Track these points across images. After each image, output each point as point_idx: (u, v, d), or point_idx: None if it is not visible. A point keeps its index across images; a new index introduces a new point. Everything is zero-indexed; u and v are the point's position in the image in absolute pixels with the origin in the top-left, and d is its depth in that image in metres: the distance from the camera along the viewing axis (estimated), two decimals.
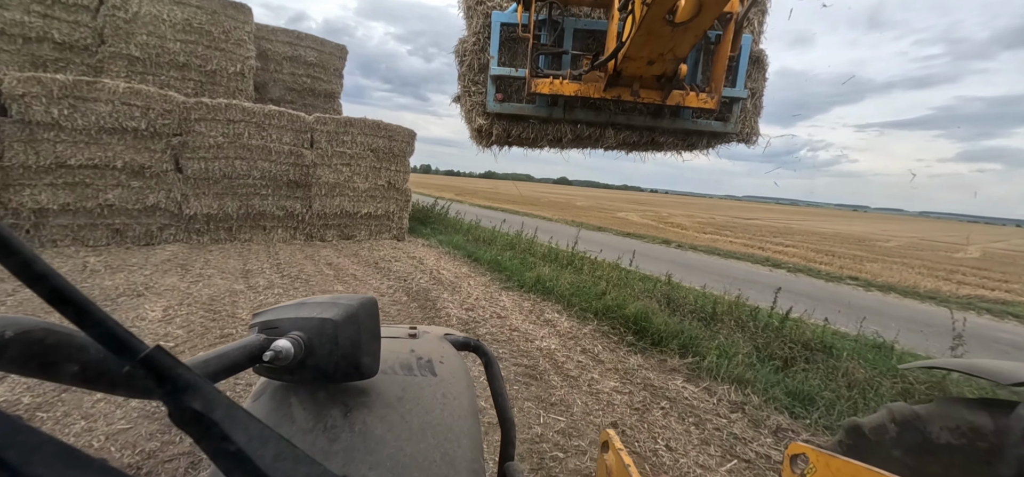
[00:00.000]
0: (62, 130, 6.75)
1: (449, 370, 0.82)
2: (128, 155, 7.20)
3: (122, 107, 7.03)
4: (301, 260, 7.46)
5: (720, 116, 3.03)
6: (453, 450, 0.62)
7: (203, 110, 7.69)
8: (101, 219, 7.21)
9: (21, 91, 6.44)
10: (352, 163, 9.34)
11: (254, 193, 8.40)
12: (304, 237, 9.11)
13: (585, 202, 45.29)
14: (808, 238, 22.16)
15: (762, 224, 32.10)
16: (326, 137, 9.00)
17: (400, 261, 7.93)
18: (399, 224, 10.27)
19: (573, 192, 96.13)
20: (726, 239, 17.15)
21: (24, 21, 7.01)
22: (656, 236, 16.30)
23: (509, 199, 37.00)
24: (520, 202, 33.67)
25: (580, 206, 35.79)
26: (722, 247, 14.47)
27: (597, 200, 57.01)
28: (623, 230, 17.69)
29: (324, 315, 0.58)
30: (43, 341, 0.38)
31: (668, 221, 26.14)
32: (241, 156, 8.12)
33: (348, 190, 9.38)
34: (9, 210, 6.61)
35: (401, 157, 10.01)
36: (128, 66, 7.86)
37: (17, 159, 6.54)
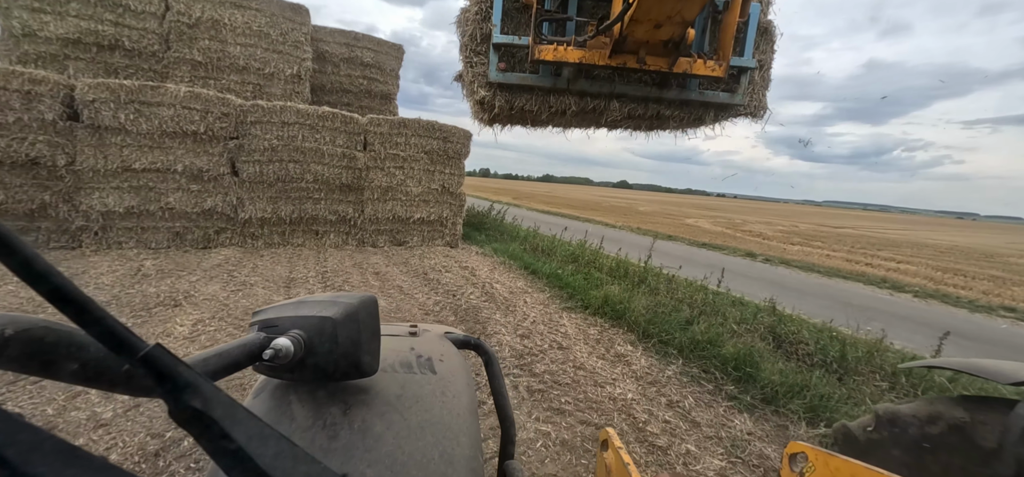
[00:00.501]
0: (128, 134, 6.83)
1: (449, 368, 0.82)
2: (188, 159, 7.19)
3: (183, 111, 7.02)
4: (349, 268, 7.05)
5: (727, 87, 2.92)
6: (452, 448, 0.62)
7: (259, 113, 7.55)
8: (163, 222, 7.26)
9: (91, 97, 6.57)
10: (405, 166, 8.90)
11: (307, 197, 8.18)
12: (356, 242, 8.78)
13: (648, 207, 42.95)
14: (919, 251, 18.93)
15: (855, 233, 28.31)
16: (379, 139, 8.62)
17: (451, 271, 7.28)
18: (452, 230, 9.69)
19: (634, 196, 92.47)
20: (821, 252, 14.90)
21: (98, 30, 7.24)
22: (735, 247, 14.47)
23: (568, 203, 35.83)
24: (580, 207, 32.41)
25: (643, 211, 33.81)
26: (819, 262, 12.45)
27: (661, 204, 54.02)
28: (696, 240, 15.98)
29: (324, 313, 0.58)
30: (43, 339, 0.38)
31: (744, 229, 23.69)
32: (295, 159, 7.92)
33: (401, 194, 8.95)
34: (80, 212, 6.78)
35: (456, 159, 9.43)
36: (191, 71, 7.94)
37: (87, 163, 6.69)
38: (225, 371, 0.50)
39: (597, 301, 5.73)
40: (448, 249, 9.33)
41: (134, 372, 0.33)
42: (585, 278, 6.79)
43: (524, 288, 6.63)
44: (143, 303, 4.76)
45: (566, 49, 2.58)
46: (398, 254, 8.38)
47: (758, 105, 3.12)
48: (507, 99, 3.00)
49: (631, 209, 35.93)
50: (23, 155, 6.35)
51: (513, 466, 0.94)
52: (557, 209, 28.06)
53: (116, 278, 5.52)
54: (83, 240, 6.84)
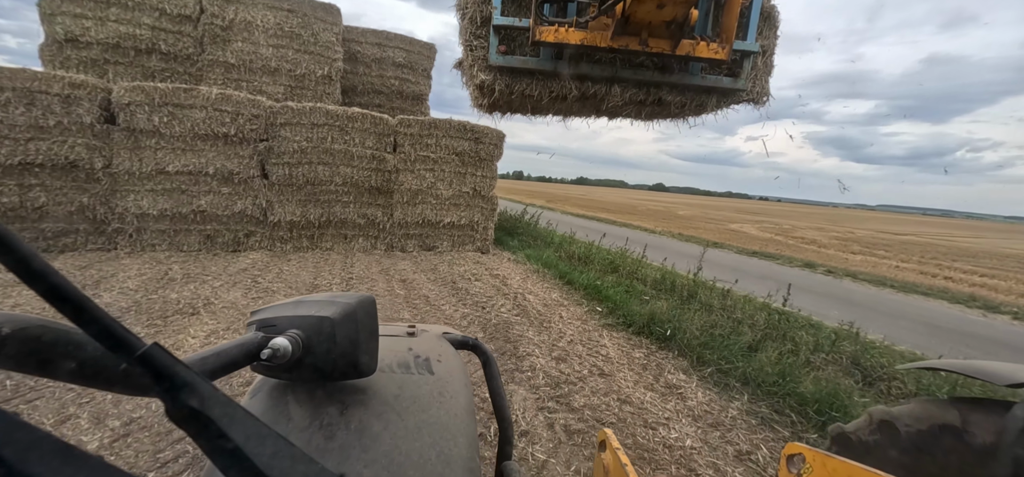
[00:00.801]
0: (162, 137, 6.82)
1: (447, 369, 0.81)
2: (219, 161, 7.12)
3: (214, 113, 6.96)
4: (375, 274, 6.75)
5: (731, 72, 2.91)
6: (449, 448, 0.62)
7: (288, 114, 7.41)
8: (194, 225, 7.22)
9: (127, 100, 6.59)
10: (436, 168, 8.57)
11: (336, 200, 7.98)
12: (384, 247, 8.52)
13: (688, 211, 41.23)
14: (1001, 262, 16.89)
15: (920, 241, 25.87)
16: (409, 140, 8.33)
17: (481, 280, 6.84)
18: (483, 235, 9.28)
19: (672, 199, 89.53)
20: (888, 263, 13.47)
21: (136, 34, 7.32)
22: (790, 256, 13.29)
23: (603, 207, 34.85)
24: (616, 211, 31.41)
25: (683, 216, 32.39)
26: (888, 275, 11.18)
27: (701, 208, 51.88)
28: (745, 248, 14.86)
29: (322, 313, 0.59)
30: (40, 338, 0.38)
31: (795, 236, 22.08)
32: (324, 161, 7.73)
33: (430, 197, 8.62)
34: (116, 214, 6.82)
35: (488, 161, 9.02)
36: (224, 73, 7.93)
37: (123, 165, 6.72)
38: (223, 370, 0.50)
39: (642, 318, 5.12)
40: (479, 255, 8.92)
41: (131, 371, 0.33)
42: (627, 291, 6.18)
43: (559, 300, 6.10)
44: (161, 310, 4.58)
45: (568, 31, 2.54)
46: (427, 260, 8.03)
47: (760, 91, 3.05)
48: (507, 83, 2.94)
49: (670, 213, 34.53)
50: (63, 158, 6.43)
51: (511, 467, 0.94)
52: (592, 213, 27.24)
53: (141, 282, 5.42)
54: (118, 242, 6.87)
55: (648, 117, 3.53)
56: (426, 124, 8.39)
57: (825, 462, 1.24)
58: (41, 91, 6.27)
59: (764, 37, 2.96)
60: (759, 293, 6.46)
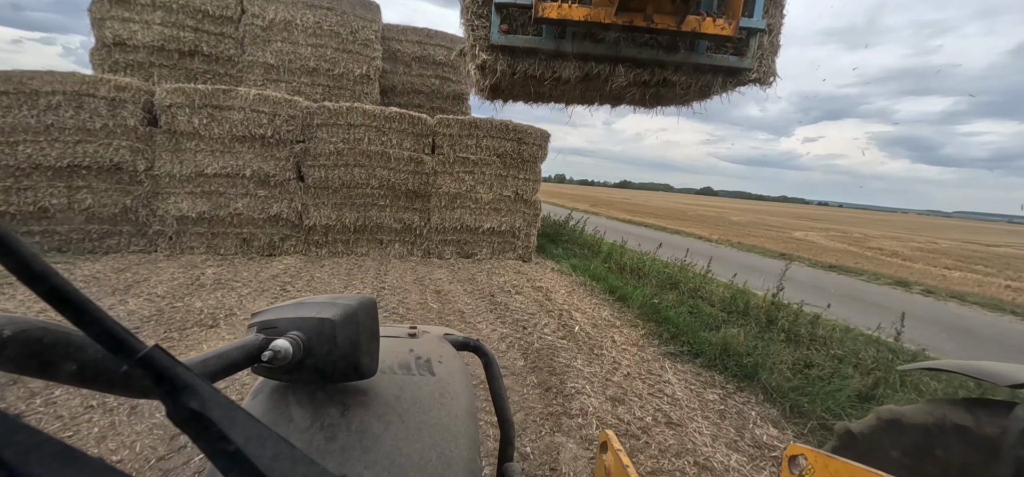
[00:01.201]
0: (201, 139, 6.73)
1: (448, 370, 0.81)
2: (256, 163, 6.95)
3: (252, 114, 6.80)
4: (409, 284, 6.29)
5: (737, 50, 2.85)
6: (450, 449, 0.62)
7: (325, 114, 7.14)
8: (231, 228, 7.09)
9: (169, 101, 6.53)
10: (475, 170, 8.05)
11: (371, 204, 7.64)
12: (421, 253, 8.09)
13: (741, 216, 38.67)
14: None
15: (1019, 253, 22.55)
16: (448, 141, 7.86)
17: (523, 293, 6.22)
18: (525, 242, 8.65)
19: (721, 204, 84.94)
20: (995, 281, 11.52)
21: (179, 36, 7.32)
22: (875, 271, 11.67)
23: (650, 212, 33.27)
24: (664, 216, 29.85)
25: (737, 222, 30.27)
26: (999, 295, 9.46)
27: (756, 214, 48.66)
28: (818, 260, 13.27)
29: (323, 315, 0.58)
30: (41, 340, 0.38)
31: (870, 246, 19.84)
32: (360, 163, 7.41)
33: (470, 201, 8.11)
34: (156, 216, 6.79)
35: (531, 163, 8.40)
36: (264, 74, 7.81)
37: (164, 168, 6.68)
38: (223, 372, 0.49)
39: (713, 348, 4.30)
40: (520, 264, 8.30)
41: (132, 373, 0.33)
42: (691, 312, 5.34)
43: (611, 320, 5.35)
44: (182, 321, 4.29)
45: (571, 6, 2.50)
46: (464, 268, 7.51)
47: (767, 71, 2.97)
48: (509, 63, 2.88)
49: (722, 219, 32.42)
50: (108, 160, 6.45)
51: (512, 468, 0.94)
52: (639, 218, 25.94)
53: (170, 288, 5.22)
54: (158, 245, 6.84)
55: (652, 102, 3.46)
56: (466, 124, 7.89)
57: (827, 463, 1.25)
58: (88, 94, 6.31)
59: (770, 15, 2.86)
60: (854, 320, 5.41)
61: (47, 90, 6.21)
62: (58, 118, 6.27)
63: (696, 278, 6.53)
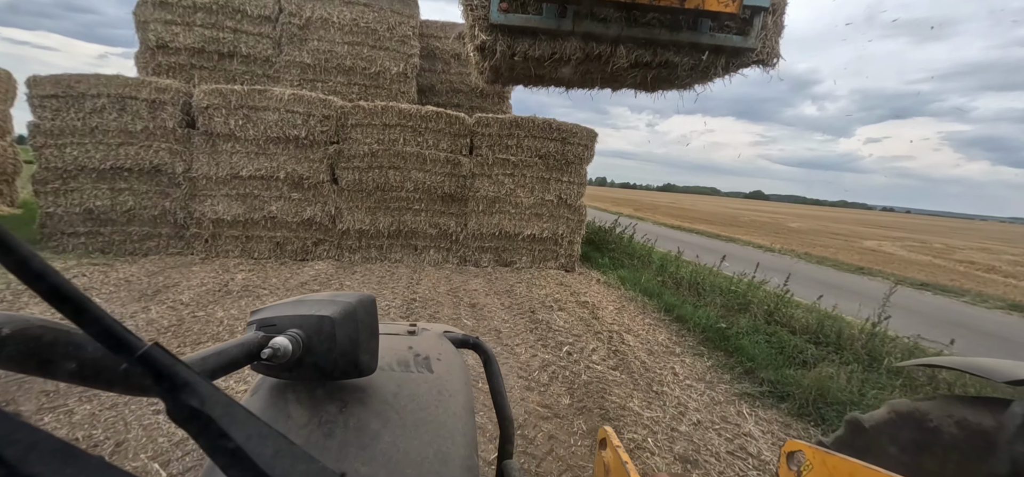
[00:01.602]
0: (237, 141, 6.59)
1: (446, 367, 0.82)
2: (290, 165, 6.74)
3: (286, 115, 6.59)
4: (442, 294, 5.81)
5: (740, 30, 2.78)
6: (447, 447, 0.62)
7: (359, 114, 6.83)
8: (265, 231, 6.91)
9: (206, 103, 6.42)
10: (516, 173, 7.49)
11: (406, 208, 7.25)
12: (457, 260, 7.62)
13: (800, 223, 35.90)
14: None
15: None
16: (487, 142, 7.35)
17: (566, 309, 5.57)
18: (569, 251, 7.99)
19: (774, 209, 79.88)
20: None
21: (219, 37, 7.26)
22: (978, 291, 10.03)
23: (699, 217, 31.46)
24: (715, 222, 28.09)
25: (796, 229, 28.00)
26: None
27: (815, 220, 45.21)
28: (903, 275, 11.63)
29: (322, 312, 0.58)
30: (40, 338, 0.38)
31: (958, 258, 17.52)
32: (395, 165, 7.04)
33: (509, 206, 7.55)
34: (194, 219, 6.71)
35: (576, 165, 7.74)
36: (300, 74, 7.63)
37: (202, 170, 6.58)
38: (223, 370, 0.49)
39: (804, 392, 3.48)
40: (562, 274, 7.65)
41: (132, 371, 0.32)
42: (768, 341, 4.49)
43: (669, 345, 4.61)
44: (200, 332, 4.00)
45: None
46: (502, 278, 6.95)
47: (771, 51, 2.93)
48: (509, 44, 2.83)
49: (779, 226, 30.12)
50: (148, 162, 6.43)
51: (511, 466, 0.94)
52: (689, 224, 24.47)
53: (197, 295, 4.99)
54: (195, 248, 6.75)
55: (654, 84, 3.39)
56: (506, 123, 7.35)
57: (825, 459, 1.23)
58: (131, 96, 6.30)
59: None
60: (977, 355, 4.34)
61: (92, 93, 6.25)
62: (102, 120, 6.29)
63: (769, 297, 5.61)
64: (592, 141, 7.78)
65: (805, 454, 1.31)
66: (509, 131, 7.38)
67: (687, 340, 4.82)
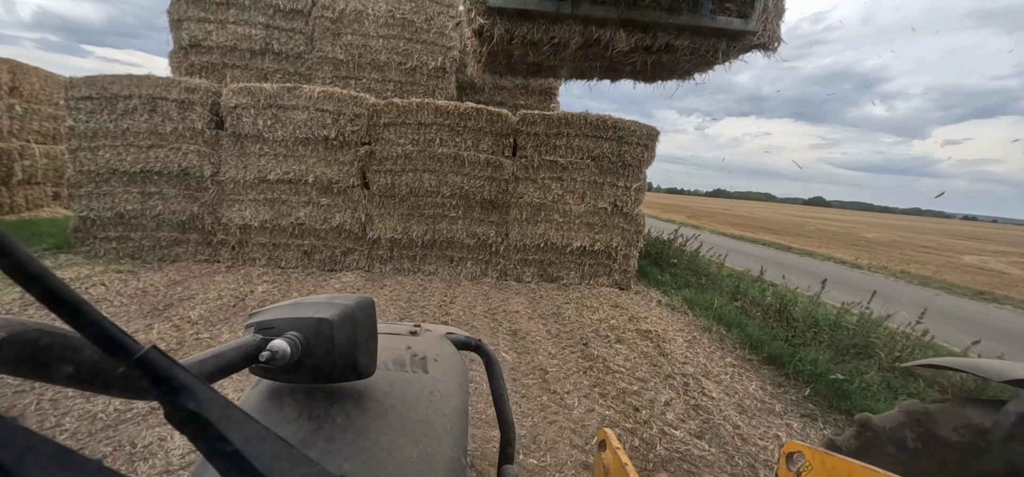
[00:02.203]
0: (265, 142, 6.17)
1: (442, 369, 0.81)
2: (319, 168, 6.23)
3: (316, 114, 6.09)
4: (478, 315, 5.02)
5: (741, 12, 2.74)
6: (432, 447, 0.61)
7: (393, 112, 6.21)
8: (293, 239, 6.45)
9: (234, 102, 6.04)
10: (565, 176, 6.61)
11: (442, 215, 6.55)
12: (496, 274, 6.82)
13: (877, 233, 32.34)
14: None
15: None
16: (533, 141, 6.53)
17: (625, 340, 4.62)
18: (624, 266, 6.99)
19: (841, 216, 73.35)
20: None
21: (251, 34, 6.93)
22: None
23: (759, 225, 28.99)
24: (779, 231, 25.72)
25: (874, 240, 25.06)
26: None
27: (892, 230, 40.80)
28: None
29: (320, 315, 0.57)
30: (37, 342, 0.38)
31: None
32: (430, 168, 6.37)
33: (556, 214, 6.68)
34: (221, 225, 6.35)
35: (634, 168, 6.75)
36: (333, 70, 7.16)
37: (230, 173, 6.21)
38: (221, 373, 0.49)
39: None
40: (616, 292, 6.66)
41: (129, 375, 0.33)
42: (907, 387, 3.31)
43: (765, 400, 3.55)
44: None
45: None
46: (548, 297, 6.08)
47: (772, 35, 2.85)
48: (507, 28, 2.73)
49: (852, 236, 27.15)
50: (176, 165, 6.13)
51: (511, 471, 0.92)
52: (751, 233, 22.45)
53: (208, 311, 4.50)
54: (221, 255, 6.39)
55: (653, 72, 3.37)
56: (554, 120, 6.50)
57: (824, 460, 1.24)
58: (161, 97, 6.03)
59: None
60: None
61: (125, 94, 6.02)
62: (133, 122, 6.06)
63: (898, 338, 4.35)
64: (653, 140, 6.76)
65: (804, 455, 1.30)
66: (557, 129, 6.52)
67: (788, 393, 3.73)
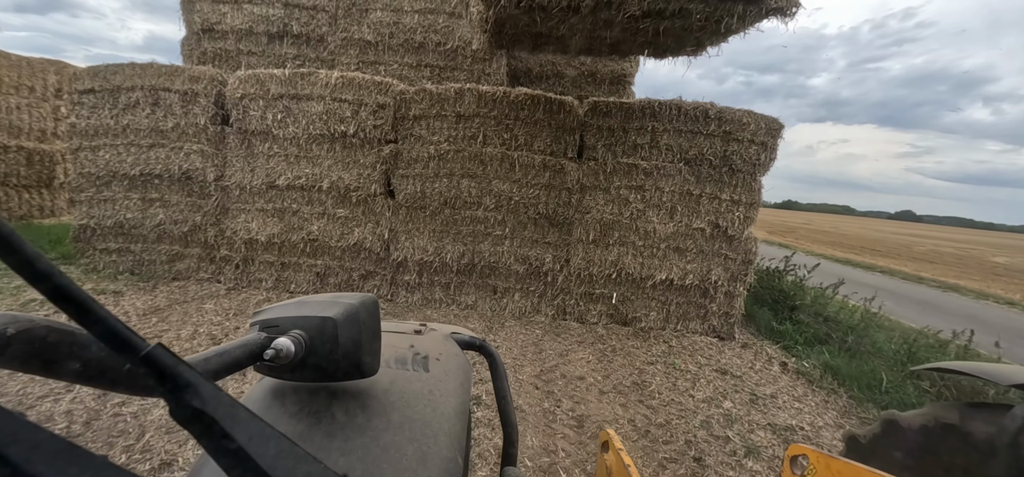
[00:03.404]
0: (275, 141, 5.08)
1: (444, 368, 0.80)
2: (335, 172, 5.05)
3: (333, 105, 4.92)
4: (526, 378, 3.49)
5: None
6: (428, 446, 0.61)
7: (425, 102, 4.89)
8: (304, 257, 5.30)
9: (240, 93, 5.02)
10: (648, 185, 4.94)
11: (485, 233, 5.12)
12: (553, 311, 5.26)
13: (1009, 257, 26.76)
14: None
15: None
16: (605, 138, 4.94)
17: (759, 451, 2.87)
18: (725, 307, 5.15)
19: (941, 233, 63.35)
20: None
21: (268, 15, 5.98)
22: None
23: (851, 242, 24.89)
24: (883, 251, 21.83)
25: (1010, 266, 20.43)
26: None
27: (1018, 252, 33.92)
28: None
29: (325, 313, 0.57)
30: (45, 339, 0.38)
31: None
32: (470, 173, 4.97)
33: (634, 235, 5.02)
34: (225, 238, 5.34)
35: (745, 175, 4.94)
36: (359, 54, 6.00)
37: (235, 178, 5.19)
38: (226, 371, 0.49)
39: None
40: (717, 345, 4.85)
41: (136, 371, 0.33)
42: None
43: None
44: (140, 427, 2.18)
45: None
46: (623, 348, 4.42)
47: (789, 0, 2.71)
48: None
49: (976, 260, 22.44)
50: (177, 168, 5.21)
51: (513, 473, 0.92)
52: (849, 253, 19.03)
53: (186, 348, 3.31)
54: (225, 273, 5.37)
55: (664, 42, 3.35)
56: (635, 111, 4.87)
57: (829, 463, 1.24)
58: (164, 88, 5.15)
59: None
60: None
61: (127, 86, 5.21)
62: (134, 118, 5.22)
63: None
64: (774, 137, 4.90)
65: (809, 458, 1.32)
66: (639, 122, 4.87)
67: None
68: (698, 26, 2.89)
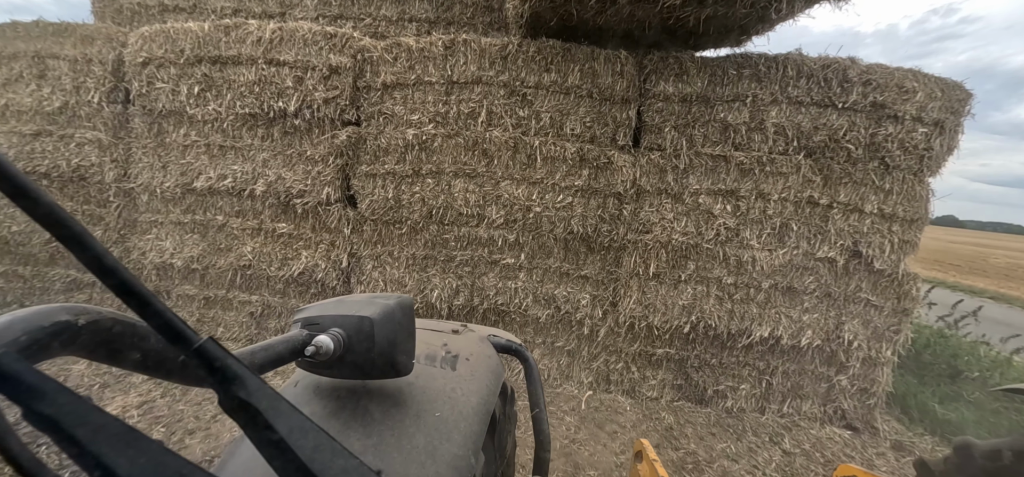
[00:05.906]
0: (191, 124, 3.56)
1: (471, 369, 0.80)
2: (273, 169, 3.47)
3: (268, 69, 3.33)
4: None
5: None
6: (438, 443, 0.61)
7: (400, 63, 3.25)
8: (234, 291, 3.75)
9: (144, 57, 3.50)
10: (745, 188, 3.14)
11: (488, 261, 3.42)
12: (591, 378, 3.50)
13: None
14: None
15: None
16: (676, 114, 3.16)
17: None
18: (865, 380, 3.27)
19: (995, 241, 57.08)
20: None
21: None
22: None
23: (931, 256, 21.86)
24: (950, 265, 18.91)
25: None
26: None
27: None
28: None
29: (363, 313, 0.58)
30: (111, 329, 0.39)
31: None
32: (466, 169, 3.29)
33: (721, 266, 3.22)
34: (131, 262, 3.84)
35: (904, 174, 3.06)
36: (321, 5, 4.37)
37: (141, 177, 3.70)
38: (271, 365, 0.50)
39: None
40: (847, 440, 2.99)
41: (189, 363, 0.34)
42: None
43: None
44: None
45: None
46: (704, 452, 2.63)
47: None
48: None
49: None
50: (66, 164, 3.76)
51: None
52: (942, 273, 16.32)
53: None
54: None
55: (703, 35, 2.99)
56: (727, 69, 3.08)
57: None
58: (51, 55, 3.71)
59: None
60: None
61: (7, 52, 3.79)
62: (16, 96, 3.80)
63: None
64: (957, 112, 3.01)
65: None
66: (733, 89, 3.08)
67: None
68: (744, 13, 2.66)
